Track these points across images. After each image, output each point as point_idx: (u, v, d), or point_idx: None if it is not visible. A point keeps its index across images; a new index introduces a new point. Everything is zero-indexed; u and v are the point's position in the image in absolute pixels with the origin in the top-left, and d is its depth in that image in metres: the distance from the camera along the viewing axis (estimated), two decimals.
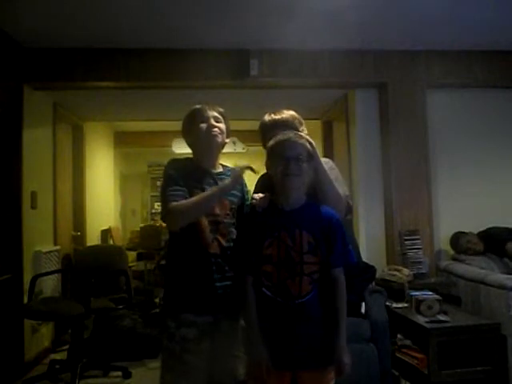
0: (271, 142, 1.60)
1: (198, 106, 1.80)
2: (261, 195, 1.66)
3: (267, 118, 1.86)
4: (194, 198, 1.62)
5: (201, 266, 1.66)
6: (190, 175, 1.70)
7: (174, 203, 1.59)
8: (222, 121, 1.80)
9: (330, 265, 1.52)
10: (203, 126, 1.75)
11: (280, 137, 1.58)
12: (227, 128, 1.82)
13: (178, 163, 1.76)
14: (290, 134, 1.58)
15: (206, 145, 1.77)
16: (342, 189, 1.77)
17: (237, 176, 1.66)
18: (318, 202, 1.63)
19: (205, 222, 1.66)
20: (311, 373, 1.51)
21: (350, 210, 1.82)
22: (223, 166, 1.84)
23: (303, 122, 1.89)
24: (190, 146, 1.83)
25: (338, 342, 1.49)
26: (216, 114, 1.78)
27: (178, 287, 1.70)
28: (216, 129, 1.76)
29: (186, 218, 1.61)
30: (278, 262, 1.50)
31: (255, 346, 1.49)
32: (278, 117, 1.84)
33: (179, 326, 1.65)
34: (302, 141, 1.57)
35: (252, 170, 1.68)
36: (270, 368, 1.47)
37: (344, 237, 1.56)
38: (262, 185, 1.82)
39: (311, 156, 1.58)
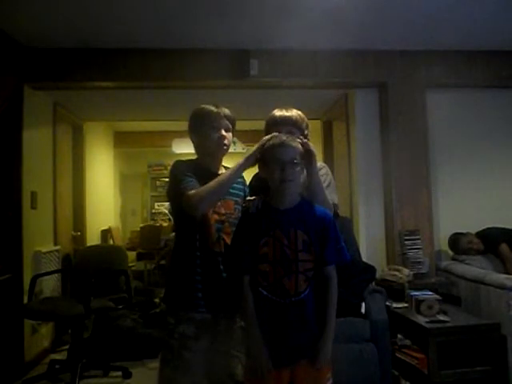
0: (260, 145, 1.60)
1: (212, 109, 1.78)
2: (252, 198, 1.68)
3: (278, 113, 1.86)
4: (211, 183, 1.62)
5: (207, 264, 1.68)
6: (195, 176, 1.71)
7: (193, 191, 1.61)
8: (231, 130, 1.81)
9: (324, 262, 1.54)
10: (215, 135, 1.75)
11: (274, 140, 1.57)
12: (232, 135, 1.83)
13: (183, 164, 1.77)
14: (283, 137, 1.58)
15: (212, 151, 1.78)
16: (332, 196, 1.79)
17: (249, 156, 1.64)
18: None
19: (212, 221, 1.69)
20: (308, 372, 1.52)
21: (336, 217, 1.82)
22: (225, 167, 1.86)
23: (309, 124, 1.89)
24: (195, 144, 1.84)
25: (321, 338, 1.51)
26: (227, 122, 1.78)
27: (179, 284, 1.72)
28: (226, 140, 1.78)
29: (206, 203, 1.62)
30: (274, 260, 1.52)
31: (255, 349, 1.50)
32: (288, 114, 1.84)
33: (179, 323, 1.67)
34: (295, 143, 1.58)
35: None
36: (270, 370, 1.48)
37: (337, 235, 1.58)
38: (256, 185, 1.82)
39: (303, 157, 1.58)
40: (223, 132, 1.76)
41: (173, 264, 1.79)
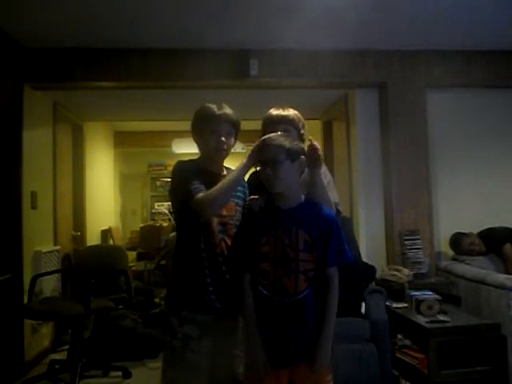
0: (254, 145, 1.62)
1: (214, 111, 1.75)
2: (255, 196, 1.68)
3: (274, 112, 1.86)
4: (217, 186, 1.63)
5: (213, 266, 1.68)
6: (197, 178, 1.70)
7: (201, 194, 1.61)
8: (234, 133, 1.80)
9: (325, 264, 1.53)
10: (213, 140, 1.74)
11: (260, 140, 1.58)
12: (236, 137, 1.82)
13: (185, 165, 1.77)
14: (272, 136, 1.56)
15: (212, 154, 1.78)
16: (333, 194, 1.79)
17: (250, 154, 1.65)
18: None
19: (214, 223, 1.69)
20: (307, 373, 1.51)
21: (338, 214, 1.81)
22: (226, 168, 1.86)
23: (306, 124, 1.89)
24: (196, 143, 1.84)
25: (318, 342, 1.49)
26: (229, 126, 1.77)
27: (183, 285, 1.72)
28: (225, 146, 1.76)
29: (216, 205, 1.64)
30: (274, 259, 1.52)
31: (253, 347, 1.51)
32: (285, 113, 1.84)
33: (182, 324, 1.67)
34: (279, 141, 1.53)
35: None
36: (268, 369, 1.48)
37: (340, 236, 1.57)
38: (254, 184, 1.83)
39: (294, 154, 1.54)
40: (222, 138, 1.74)
41: (177, 266, 1.78)
